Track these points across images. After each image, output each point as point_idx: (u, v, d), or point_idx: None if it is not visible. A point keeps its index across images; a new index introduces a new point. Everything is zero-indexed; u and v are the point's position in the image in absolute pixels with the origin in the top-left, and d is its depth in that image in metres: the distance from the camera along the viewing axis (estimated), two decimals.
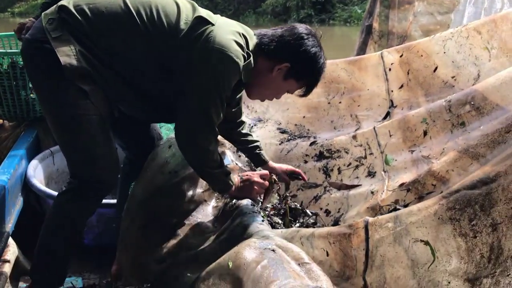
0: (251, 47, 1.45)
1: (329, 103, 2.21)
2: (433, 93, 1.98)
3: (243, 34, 1.44)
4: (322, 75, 1.53)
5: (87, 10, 1.38)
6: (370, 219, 1.25)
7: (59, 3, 1.40)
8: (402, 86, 2.06)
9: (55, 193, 1.87)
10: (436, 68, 1.99)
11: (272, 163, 1.81)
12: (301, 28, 1.51)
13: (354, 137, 1.94)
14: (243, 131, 1.80)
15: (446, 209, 1.14)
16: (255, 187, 1.60)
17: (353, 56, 3.13)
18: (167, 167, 1.71)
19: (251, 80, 1.49)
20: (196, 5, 1.48)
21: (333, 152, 1.97)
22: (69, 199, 1.50)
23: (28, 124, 2.50)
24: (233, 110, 1.71)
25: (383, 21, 3.40)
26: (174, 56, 1.39)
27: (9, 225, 1.84)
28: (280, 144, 2.15)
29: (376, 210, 1.60)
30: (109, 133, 1.48)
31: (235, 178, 1.59)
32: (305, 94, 1.60)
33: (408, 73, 2.04)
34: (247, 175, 1.62)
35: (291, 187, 1.99)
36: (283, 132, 2.22)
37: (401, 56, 2.07)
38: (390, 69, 2.08)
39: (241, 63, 1.37)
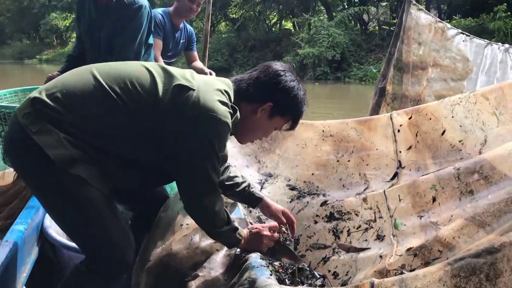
0: (232, 98, 1.46)
1: (338, 161, 2.23)
2: (441, 156, 2.00)
3: (224, 90, 1.44)
4: (305, 106, 1.57)
5: (61, 97, 1.34)
6: (376, 281, 1.23)
7: (31, 95, 1.36)
8: (410, 147, 2.08)
9: (71, 244, 1.87)
10: (444, 132, 2.01)
11: (267, 200, 1.79)
12: (276, 65, 1.55)
13: (365, 199, 1.95)
14: (231, 174, 1.77)
15: (451, 276, 1.12)
16: (264, 241, 1.58)
17: (367, 116, 3.19)
18: (178, 220, 1.74)
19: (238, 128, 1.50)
20: (170, 70, 1.46)
21: (343, 214, 1.98)
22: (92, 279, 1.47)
23: None
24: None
25: (396, 84, 3.48)
26: (160, 126, 1.37)
27: (24, 275, 1.85)
28: (290, 202, 2.16)
29: (383, 274, 1.57)
30: (117, 210, 1.49)
31: (244, 232, 1.57)
32: (292, 127, 1.63)
33: (416, 135, 2.07)
34: (256, 228, 1.61)
35: (299, 247, 1.98)
36: (293, 188, 2.23)
37: (410, 118, 2.11)
38: (399, 131, 2.12)
39: (230, 121, 1.38)
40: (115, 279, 1.50)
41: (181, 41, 3.48)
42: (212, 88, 1.42)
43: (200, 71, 2.98)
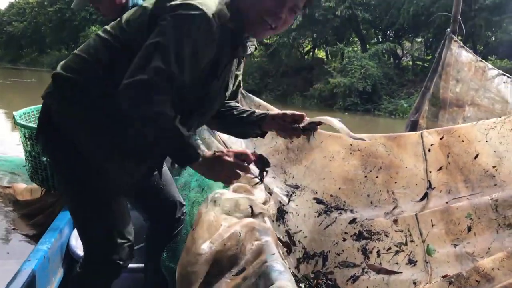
0: None
1: (365, 176, 2.21)
2: (473, 180, 1.98)
3: None
4: None
5: (73, 63, 1.33)
6: None
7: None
8: (441, 168, 2.06)
9: None
10: (477, 155, 1.99)
11: (273, 112, 1.57)
12: None
13: (395, 221, 1.95)
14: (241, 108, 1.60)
15: None
16: (225, 169, 1.23)
17: None
18: (220, 218, 1.65)
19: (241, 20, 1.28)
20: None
21: (372, 234, 1.98)
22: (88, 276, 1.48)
23: None
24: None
25: (430, 119, 3.42)
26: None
27: None
28: (318, 216, 2.15)
29: None
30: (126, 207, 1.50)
31: (206, 152, 1.24)
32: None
33: (448, 156, 2.05)
34: (221, 151, 1.25)
35: (328, 263, 1.97)
36: (320, 202, 2.22)
37: (441, 138, 2.08)
38: (429, 150, 2.09)
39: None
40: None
41: None
42: None
43: None
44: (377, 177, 2.18)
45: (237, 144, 2.64)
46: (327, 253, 2.03)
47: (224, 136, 2.47)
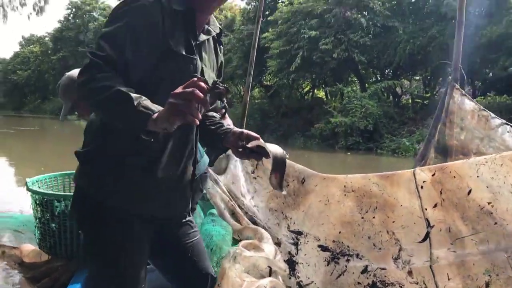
0: None
1: (362, 217, 2.22)
2: (471, 217, 1.97)
3: None
4: None
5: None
6: None
7: None
8: (436, 205, 2.06)
9: None
10: (470, 191, 2.00)
11: (235, 129, 1.51)
12: None
13: (410, 273, 1.94)
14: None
15: None
16: (177, 106, 1.06)
17: None
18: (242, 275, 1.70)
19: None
20: None
21: (387, 285, 1.96)
22: None
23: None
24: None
25: None
26: None
27: None
28: (327, 265, 2.14)
29: None
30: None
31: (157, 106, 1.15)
32: None
33: (441, 193, 2.06)
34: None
35: None
36: (325, 249, 2.22)
37: (433, 175, 2.09)
38: (422, 187, 2.10)
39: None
40: None
41: None
42: None
43: None
44: (374, 217, 2.18)
45: (247, 197, 2.67)
46: None
47: (231, 187, 2.52)
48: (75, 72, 2.39)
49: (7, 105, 53.85)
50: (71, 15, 47.35)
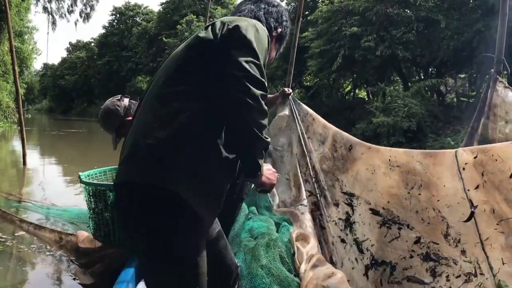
0: None
1: (408, 192, 2.27)
2: None
3: None
4: None
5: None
6: None
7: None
8: (477, 186, 2.09)
9: None
10: None
11: None
12: None
13: (463, 252, 1.97)
14: None
15: None
16: (271, 175, 1.53)
17: None
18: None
19: None
20: None
21: (440, 258, 2.01)
22: None
23: None
24: None
25: None
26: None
27: None
28: (380, 227, 2.21)
29: None
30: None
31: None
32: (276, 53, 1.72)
33: (482, 175, 2.07)
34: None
35: (396, 273, 1.98)
36: (376, 213, 2.30)
37: (475, 157, 2.11)
38: (464, 168, 2.12)
39: None
40: None
41: None
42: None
43: None
44: (419, 194, 2.22)
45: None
46: (395, 264, 2.05)
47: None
48: (108, 104, 2.62)
49: (56, 109, 56.04)
50: (115, 21, 48.99)
